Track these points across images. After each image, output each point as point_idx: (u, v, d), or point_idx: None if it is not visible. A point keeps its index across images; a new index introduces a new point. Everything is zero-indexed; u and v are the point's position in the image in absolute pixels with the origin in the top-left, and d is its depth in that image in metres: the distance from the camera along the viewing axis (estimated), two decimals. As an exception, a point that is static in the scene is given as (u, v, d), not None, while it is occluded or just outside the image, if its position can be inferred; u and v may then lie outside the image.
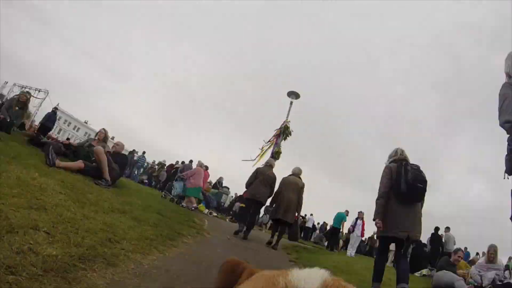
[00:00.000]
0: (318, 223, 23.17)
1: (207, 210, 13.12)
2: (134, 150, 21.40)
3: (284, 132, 11.88)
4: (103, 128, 7.35)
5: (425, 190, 4.05)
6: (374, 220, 4.11)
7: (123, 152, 7.67)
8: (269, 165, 7.61)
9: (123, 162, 6.93)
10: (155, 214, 5.06)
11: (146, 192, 9.25)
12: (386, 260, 4.50)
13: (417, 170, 4.09)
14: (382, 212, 4.06)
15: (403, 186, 3.95)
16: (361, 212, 12.32)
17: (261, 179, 7.16)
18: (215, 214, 13.13)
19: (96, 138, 7.38)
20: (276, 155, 11.57)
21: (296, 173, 7.42)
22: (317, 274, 0.35)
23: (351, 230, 12.20)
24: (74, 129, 76.45)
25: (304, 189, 7.32)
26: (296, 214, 7.26)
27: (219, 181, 16.63)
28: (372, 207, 4.24)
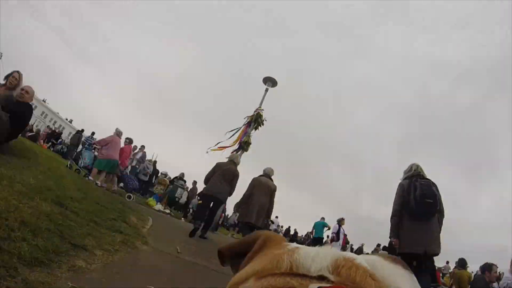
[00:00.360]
0: (282, 226, 22.00)
1: (159, 205, 10.75)
2: (82, 129, 18.31)
3: (256, 120, 9.88)
4: (17, 71, 4.75)
5: (435, 205, 3.99)
6: (390, 238, 4.35)
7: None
8: (230, 160, 6.83)
9: (24, 115, 4.36)
10: (44, 205, 2.71)
11: (63, 165, 6.74)
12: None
13: (425, 185, 4.07)
14: (397, 230, 4.17)
15: (412, 203, 4.00)
16: (343, 218, 10.63)
17: (219, 173, 6.42)
18: (167, 211, 10.75)
19: (5, 83, 4.72)
20: (244, 145, 9.61)
21: (268, 174, 6.59)
22: (327, 253, 0.32)
23: (335, 238, 10.36)
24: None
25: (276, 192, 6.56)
26: (266, 218, 6.52)
27: (180, 177, 14.29)
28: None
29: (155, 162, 15.91)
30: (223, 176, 6.38)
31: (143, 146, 15.21)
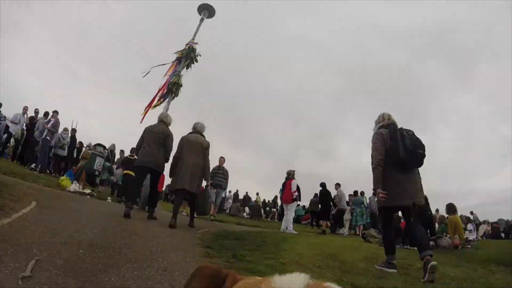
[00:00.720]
0: (230, 191, 19.74)
1: (75, 185, 8.44)
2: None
3: (188, 55, 7.87)
4: None
5: (424, 156, 3.82)
6: (374, 190, 3.91)
7: None
8: (159, 120, 5.99)
9: None
10: None
11: None
12: (393, 230, 4.09)
13: (413, 135, 3.87)
14: (382, 180, 3.82)
15: (402, 152, 3.74)
16: (294, 171, 9.18)
17: (149, 139, 5.62)
18: (87, 190, 8.45)
19: None
20: (173, 88, 7.64)
21: (199, 130, 6.00)
22: (299, 279, 0.34)
23: (298, 198, 8.87)
24: None
25: (209, 150, 5.94)
26: (205, 181, 6.00)
27: (111, 149, 11.83)
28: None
29: (73, 130, 13.07)
30: (154, 140, 5.57)
31: (55, 112, 12.27)
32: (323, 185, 10.89)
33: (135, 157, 9.73)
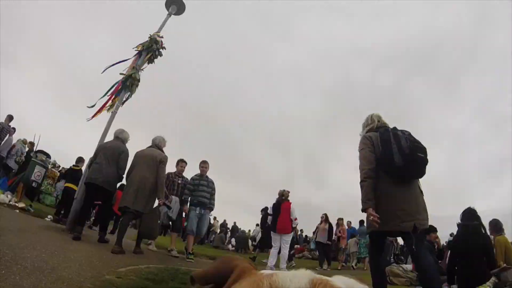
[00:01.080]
0: (215, 218, 17.16)
1: (5, 196, 6.97)
2: None
3: (149, 47, 6.82)
4: None
5: (427, 162, 2.94)
6: (364, 210, 2.94)
7: None
8: (114, 136, 5.63)
9: None
10: None
11: None
12: (382, 259, 3.39)
13: (410, 135, 3.02)
14: (374, 197, 2.92)
15: (397, 158, 2.89)
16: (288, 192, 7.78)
17: (102, 154, 5.23)
18: (21, 204, 6.93)
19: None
20: (127, 81, 6.52)
21: (156, 144, 5.55)
22: (303, 274, 0.33)
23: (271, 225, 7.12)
24: None
25: (166, 163, 5.39)
26: (158, 200, 5.28)
27: (42, 151, 9.79)
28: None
29: (31, 144, 11.42)
30: (106, 157, 5.23)
31: (10, 116, 10.50)
32: (265, 209, 9.51)
33: (80, 168, 8.55)
